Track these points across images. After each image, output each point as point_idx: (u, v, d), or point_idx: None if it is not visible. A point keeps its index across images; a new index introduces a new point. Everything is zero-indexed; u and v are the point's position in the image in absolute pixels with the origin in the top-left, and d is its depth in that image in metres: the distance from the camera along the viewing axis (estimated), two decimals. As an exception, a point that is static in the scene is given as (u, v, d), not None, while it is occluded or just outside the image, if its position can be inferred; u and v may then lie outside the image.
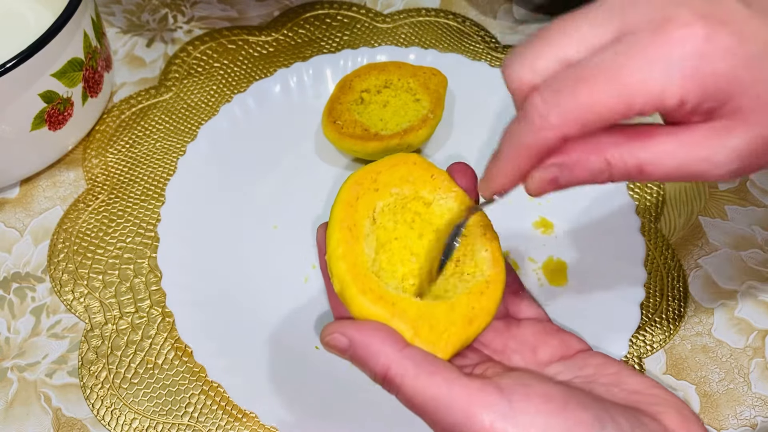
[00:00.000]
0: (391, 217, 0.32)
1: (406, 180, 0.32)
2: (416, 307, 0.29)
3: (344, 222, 0.30)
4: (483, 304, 0.30)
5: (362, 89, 0.50)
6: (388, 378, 0.27)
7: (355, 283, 0.29)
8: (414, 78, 0.50)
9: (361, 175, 0.32)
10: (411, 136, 0.48)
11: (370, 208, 0.31)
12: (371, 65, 0.51)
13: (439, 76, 0.50)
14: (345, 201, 0.31)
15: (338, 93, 0.50)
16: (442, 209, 0.32)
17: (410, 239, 0.32)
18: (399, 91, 0.50)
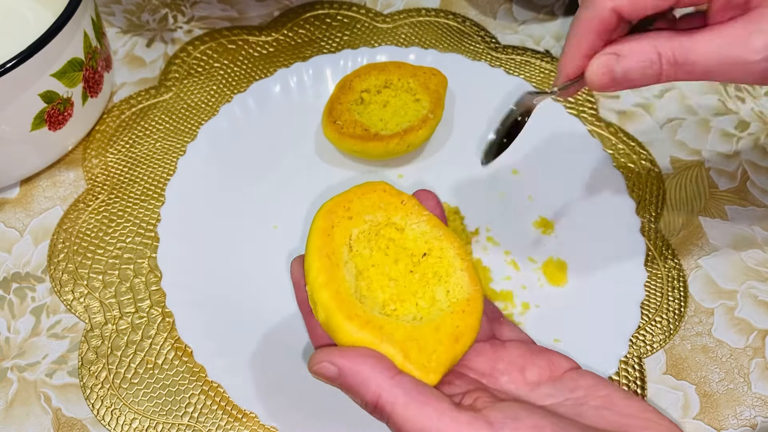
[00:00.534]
0: (367, 245, 0.33)
1: (377, 207, 0.33)
2: (403, 329, 0.29)
3: (322, 250, 0.31)
4: (467, 321, 0.31)
5: (362, 89, 0.50)
6: (378, 406, 0.27)
7: (341, 310, 0.29)
8: (414, 78, 0.50)
9: (334, 204, 0.33)
10: (411, 136, 0.48)
11: (346, 235, 0.32)
12: (371, 65, 0.51)
13: (439, 76, 0.50)
14: (321, 230, 0.32)
15: (338, 93, 0.50)
16: (415, 233, 0.33)
17: (387, 265, 0.32)
18: (399, 91, 0.50)
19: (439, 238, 0.33)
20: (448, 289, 0.32)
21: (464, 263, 0.32)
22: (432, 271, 0.32)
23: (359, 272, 0.32)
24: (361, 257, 0.32)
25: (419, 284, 0.32)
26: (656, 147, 0.53)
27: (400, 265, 0.32)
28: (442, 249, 0.32)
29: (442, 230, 0.33)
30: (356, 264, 0.32)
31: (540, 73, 0.57)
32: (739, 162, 0.53)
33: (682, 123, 0.55)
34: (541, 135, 0.51)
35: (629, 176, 0.51)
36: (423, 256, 0.32)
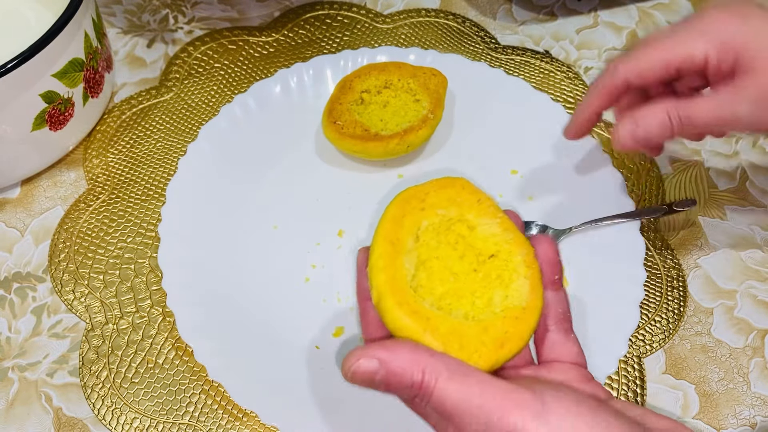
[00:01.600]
0: (435, 237, 0.32)
1: (453, 202, 0.33)
2: (449, 324, 0.29)
3: (388, 237, 0.31)
4: (517, 329, 0.30)
5: (362, 89, 0.50)
6: (423, 385, 0.27)
7: (393, 295, 0.29)
8: (414, 78, 0.50)
9: (410, 195, 0.33)
10: (411, 137, 0.48)
11: (415, 226, 0.32)
12: (371, 65, 0.51)
13: (439, 76, 0.51)
14: (391, 217, 0.32)
15: (338, 93, 0.50)
16: (486, 234, 0.33)
17: (451, 259, 0.32)
18: (399, 91, 0.50)
19: (508, 242, 0.32)
20: (507, 294, 0.31)
21: (529, 271, 0.31)
22: (496, 273, 0.32)
23: (421, 262, 0.31)
24: (426, 248, 0.32)
25: (480, 284, 0.31)
26: (656, 147, 0.53)
27: (464, 262, 0.32)
28: (510, 253, 0.32)
29: (514, 234, 0.32)
30: (420, 254, 0.32)
31: (540, 73, 0.57)
32: (739, 162, 0.53)
33: (682, 123, 0.55)
34: (541, 135, 0.51)
35: (629, 176, 0.51)
36: (490, 257, 0.32)
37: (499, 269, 0.32)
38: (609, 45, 0.60)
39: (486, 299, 0.31)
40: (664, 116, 0.37)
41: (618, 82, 0.38)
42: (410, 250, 0.31)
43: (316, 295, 0.45)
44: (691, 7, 0.62)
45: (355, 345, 0.43)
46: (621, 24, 0.61)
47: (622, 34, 0.61)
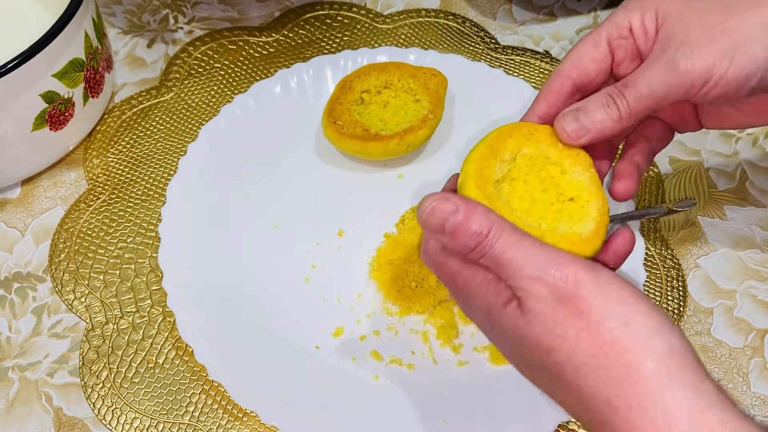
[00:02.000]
0: (529, 164, 0.35)
1: (555, 145, 0.36)
2: (512, 219, 0.32)
3: (491, 144, 0.35)
4: (574, 249, 0.32)
5: (362, 90, 0.50)
6: (490, 234, 0.29)
7: (475, 180, 0.33)
8: (414, 78, 0.50)
9: (522, 125, 0.36)
10: (411, 137, 0.48)
11: (517, 148, 0.36)
12: (371, 66, 0.51)
13: (439, 76, 0.51)
14: (500, 133, 0.36)
15: (338, 93, 0.50)
16: (573, 180, 0.35)
17: (536, 188, 0.35)
18: (399, 91, 0.50)
19: (590, 192, 0.35)
20: (572, 226, 0.34)
21: (599, 217, 0.34)
22: (569, 212, 0.34)
23: (510, 178, 0.35)
24: (518, 169, 0.35)
25: (552, 214, 0.34)
26: (655, 147, 0.53)
27: (546, 195, 0.35)
28: (588, 201, 0.35)
29: (597, 189, 0.35)
30: (511, 170, 0.35)
31: (539, 73, 0.57)
32: (738, 162, 0.53)
33: (682, 123, 0.55)
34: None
35: (629, 176, 0.51)
36: (569, 199, 0.35)
37: (573, 210, 0.35)
38: (609, 45, 0.60)
39: (552, 226, 0.34)
40: (607, 97, 0.34)
41: (560, 79, 0.36)
42: (504, 162, 0.35)
43: (316, 295, 0.45)
44: (690, 8, 0.62)
45: (355, 345, 0.43)
46: (621, 24, 0.61)
47: (621, 35, 0.61)
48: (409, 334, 0.44)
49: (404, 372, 0.42)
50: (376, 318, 0.45)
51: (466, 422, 0.40)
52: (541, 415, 0.40)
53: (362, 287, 0.46)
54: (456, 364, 0.43)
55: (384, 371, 0.42)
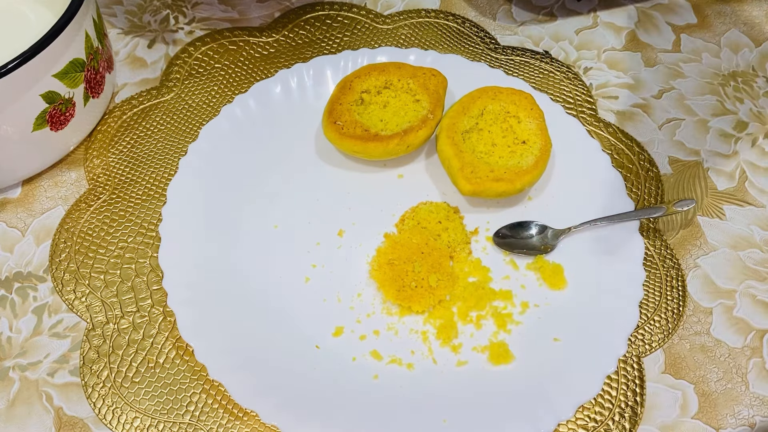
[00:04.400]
0: (493, 117, 0.49)
1: (514, 103, 0.50)
2: (472, 158, 0.48)
3: (462, 103, 0.50)
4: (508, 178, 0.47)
5: (362, 90, 0.50)
6: None
7: (446, 131, 0.49)
8: (414, 79, 0.50)
9: (490, 88, 0.50)
10: (411, 137, 0.48)
11: (483, 105, 0.50)
12: (371, 66, 0.51)
13: (439, 76, 0.51)
14: (471, 95, 0.50)
15: (338, 94, 0.50)
16: (526, 128, 0.49)
17: (497, 134, 0.49)
18: (399, 91, 0.50)
19: (537, 136, 0.49)
20: (520, 161, 0.48)
21: (540, 153, 0.48)
22: (520, 151, 0.48)
23: (478, 128, 0.49)
24: (485, 121, 0.49)
25: (508, 154, 0.48)
26: (655, 147, 0.53)
27: (504, 140, 0.49)
28: (534, 143, 0.48)
29: (543, 133, 0.49)
30: (479, 123, 0.49)
31: (539, 73, 0.57)
32: (738, 162, 0.53)
33: (681, 123, 0.55)
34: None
35: (628, 176, 0.52)
36: (522, 142, 0.48)
37: (523, 150, 0.48)
38: (608, 45, 0.60)
39: (505, 162, 0.47)
40: None
41: None
42: (473, 117, 0.49)
43: (316, 295, 0.45)
44: (690, 8, 0.62)
45: (355, 345, 0.44)
46: (620, 24, 0.61)
47: (621, 35, 0.61)
48: (409, 333, 0.44)
49: (404, 372, 0.43)
50: (376, 318, 0.45)
51: (466, 422, 0.40)
52: (541, 414, 0.40)
53: (362, 287, 0.46)
54: (455, 363, 0.43)
55: (384, 371, 0.43)
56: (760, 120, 0.55)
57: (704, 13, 0.62)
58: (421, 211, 0.48)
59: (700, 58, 0.59)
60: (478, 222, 0.48)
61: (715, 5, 0.63)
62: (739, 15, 0.62)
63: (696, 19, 0.62)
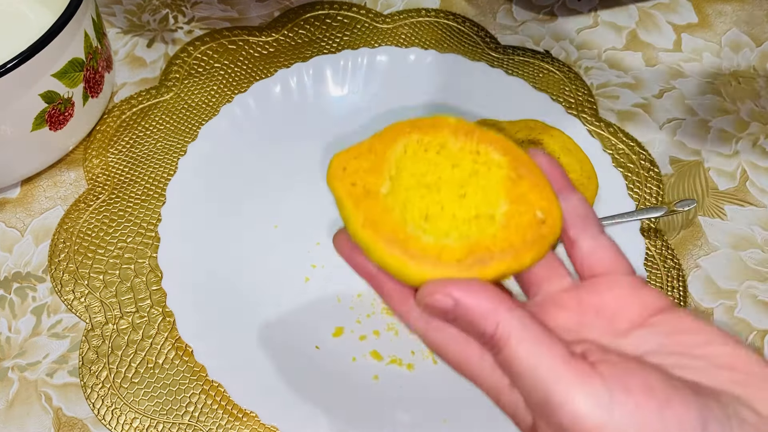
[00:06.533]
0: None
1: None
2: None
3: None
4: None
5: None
6: (495, 337, 0.26)
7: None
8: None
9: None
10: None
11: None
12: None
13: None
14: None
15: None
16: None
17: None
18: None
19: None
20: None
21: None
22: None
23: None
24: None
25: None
26: (656, 147, 0.53)
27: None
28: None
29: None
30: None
31: (539, 73, 0.57)
32: (739, 162, 0.53)
33: (682, 123, 0.55)
34: (540, 135, 0.51)
35: (628, 176, 0.51)
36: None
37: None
38: (609, 45, 0.60)
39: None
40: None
41: None
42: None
43: (316, 295, 0.45)
44: (691, 7, 0.62)
45: (355, 345, 0.43)
46: (621, 24, 0.61)
47: (622, 34, 0.61)
48: (409, 334, 0.44)
49: (404, 372, 0.42)
50: (376, 318, 0.45)
51: (466, 422, 0.40)
52: (542, 415, 0.40)
53: (362, 287, 0.46)
54: (456, 364, 0.43)
55: (384, 371, 0.42)
56: (761, 120, 0.55)
57: (705, 12, 0.62)
58: (422, 211, 0.48)
59: (700, 57, 0.59)
60: (479, 222, 0.48)
61: (716, 5, 0.63)
62: (740, 14, 0.62)
63: (697, 19, 0.62)
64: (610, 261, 0.29)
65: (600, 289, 0.28)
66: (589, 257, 0.29)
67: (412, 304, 0.29)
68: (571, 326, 0.28)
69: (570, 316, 0.28)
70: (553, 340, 0.25)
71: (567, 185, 0.30)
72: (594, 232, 0.29)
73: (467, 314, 0.26)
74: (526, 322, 0.26)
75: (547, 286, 0.29)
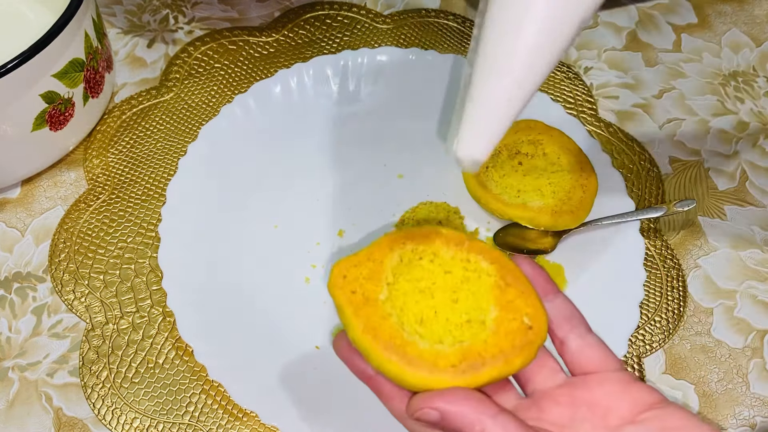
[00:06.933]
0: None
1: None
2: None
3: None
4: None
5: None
6: None
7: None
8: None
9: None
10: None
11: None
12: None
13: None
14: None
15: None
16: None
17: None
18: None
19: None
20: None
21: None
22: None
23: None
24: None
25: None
26: (655, 147, 0.53)
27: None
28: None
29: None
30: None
31: (540, 73, 0.57)
32: (738, 162, 0.53)
33: (682, 123, 0.55)
34: (540, 135, 0.51)
35: (628, 176, 0.52)
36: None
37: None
38: (609, 45, 0.60)
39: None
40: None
41: None
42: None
43: (316, 295, 0.45)
44: (691, 8, 0.62)
45: (355, 345, 0.43)
46: (621, 24, 0.61)
47: (622, 34, 0.61)
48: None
49: (404, 372, 0.42)
50: (376, 318, 0.45)
51: None
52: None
53: (362, 287, 0.46)
54: (456, 364, 0.43)
55: (384, 371, 0.42)
56: (761, 120, 0.55)
57: (705, 12, 0.62)
58: (422, 211, 0.48)
59: (700, 57, 0.59)
60: (479, 222, 0.48)
61: (716, 5, 0.63)
62: (740, 15, 0.62)
63: (696, 19, 0.62)
64: (599, 359, 0.30)
65: (591, 386, 0.30)
66: (579, 356, 0.31)
67: None
68: (565, 421, 0.29)
69: (563, 411, 0.29)
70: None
71: (552, 288, 0.32)
72: (581, 332, 0.31)
73: (454, 424, 0.28)
74: (509, 427, 0.27)
75: (541, 383, 0.31)
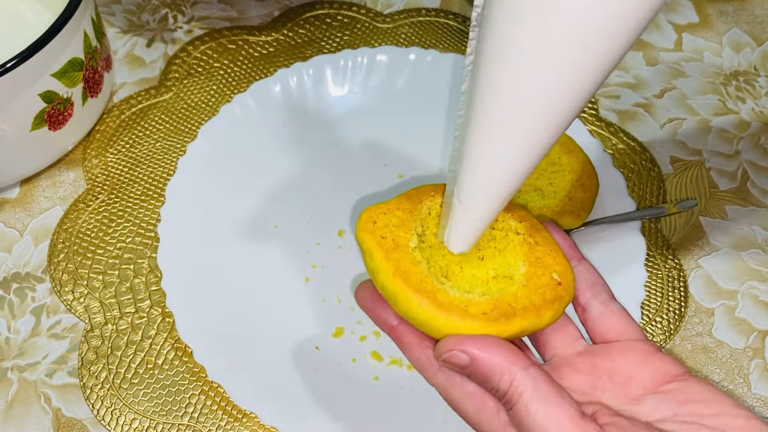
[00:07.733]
0: None
1: None
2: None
3: None
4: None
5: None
6: (508, 394, 0.27)
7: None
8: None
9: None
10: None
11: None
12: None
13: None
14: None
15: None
16: None
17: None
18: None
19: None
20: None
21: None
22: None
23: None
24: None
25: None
26: (656, 147, 0.53)
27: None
28: None
29: None
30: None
31: (540, 73, 0.57)
32: (740, 162, 0.53)
33: (683, 123, 0.55)
34: (541, 135, 0.51)
35: (629, 176, 0.51)
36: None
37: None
38: (609, 45, 0.60)
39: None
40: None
41: None
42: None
43: (316, 296, 0.45)
44: (692, 7, 0.62)
45: (355, 345, 0.43)
46: (621, 23, 0.61)
47: (622, 34, 0.60)
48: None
49: (404, 372, 0.42)
50: (376, 318, 0.44)
51: (466, 423, 0.40)
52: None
53: (362, 287, 0.46)
54: (456, 364, 0.43)
55: (384, 372, 0.42)
56: (762, 120, 0.55)
57: (706, 12, 0.62)
58: (422, 211, 0.48)
59: (701, 57, 0.59)
60: (479, 222, 0.48)
61: (717, 4, 0.63)
62: (741, 14, 0.62)
63: (698, 18, 0.62)
64: (621, 327, 0.30)
65: (613, 354, 0.29)
66: (601, 323, 0.30)
67: (431, 356, 0.30)
68: (585, 389, 0.29)
69: (584, 378, 0.29)
70: (564, 399, 0.26)
71: (576, 254, 0.32)
72: (604, 299, 0.31)
73: (483, 370, 0.27)
74: (540, 380, 0.26)
75: (561, 349, 0.30)
